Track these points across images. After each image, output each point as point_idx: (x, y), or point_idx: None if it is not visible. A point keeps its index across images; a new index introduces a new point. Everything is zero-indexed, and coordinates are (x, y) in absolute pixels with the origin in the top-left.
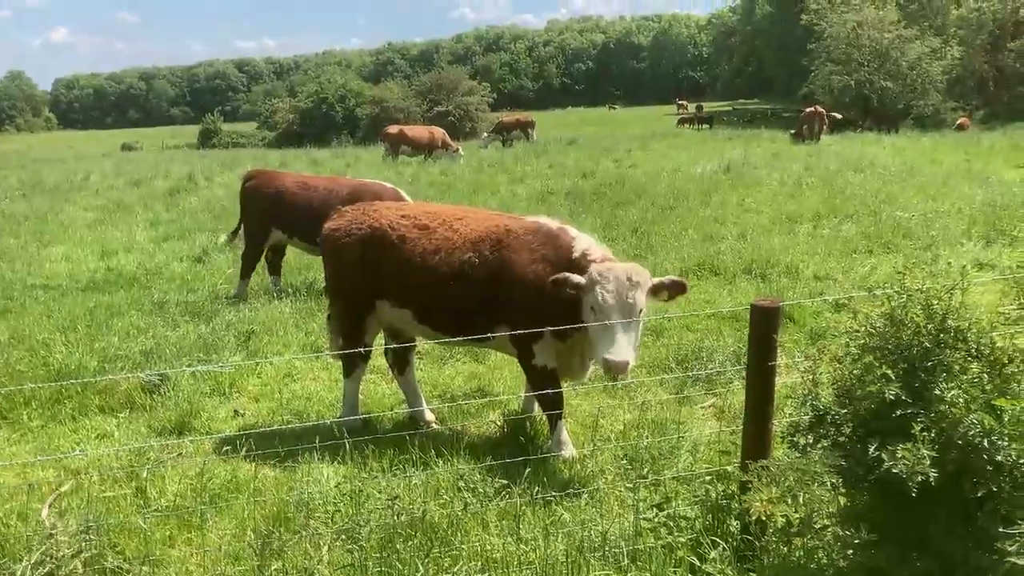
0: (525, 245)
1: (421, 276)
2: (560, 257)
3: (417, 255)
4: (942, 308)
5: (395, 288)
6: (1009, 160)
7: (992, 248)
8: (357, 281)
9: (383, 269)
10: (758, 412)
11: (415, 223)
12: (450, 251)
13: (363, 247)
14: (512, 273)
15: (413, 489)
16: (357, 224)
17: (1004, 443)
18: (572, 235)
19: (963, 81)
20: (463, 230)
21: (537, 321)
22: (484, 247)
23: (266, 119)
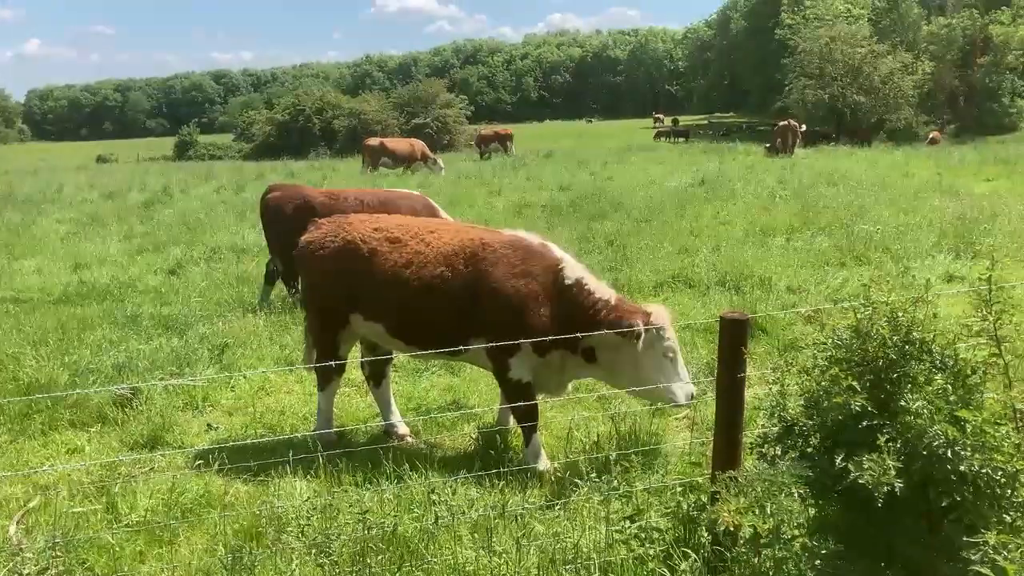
0: (503, 259)
1: (392, 290)
2: (545, 275)
3: (388, 269)
4: (907, 320)
5: (367, 302)
6: (979, 174)
7: (961, 260)
8: (331, 294)
9: (355, 283)
10: (728, 423)
11: (387, 236)
12: (422, 265)
13: (336, 260)
14: (490, 287)
15: (386, 503)
16: (331, 237)
17: (967, 453)
18: (558, 255)
19: (934, 96)
20: (436, 243)
21: (515, 335)
22: (458, 261)
23: (243, 131)
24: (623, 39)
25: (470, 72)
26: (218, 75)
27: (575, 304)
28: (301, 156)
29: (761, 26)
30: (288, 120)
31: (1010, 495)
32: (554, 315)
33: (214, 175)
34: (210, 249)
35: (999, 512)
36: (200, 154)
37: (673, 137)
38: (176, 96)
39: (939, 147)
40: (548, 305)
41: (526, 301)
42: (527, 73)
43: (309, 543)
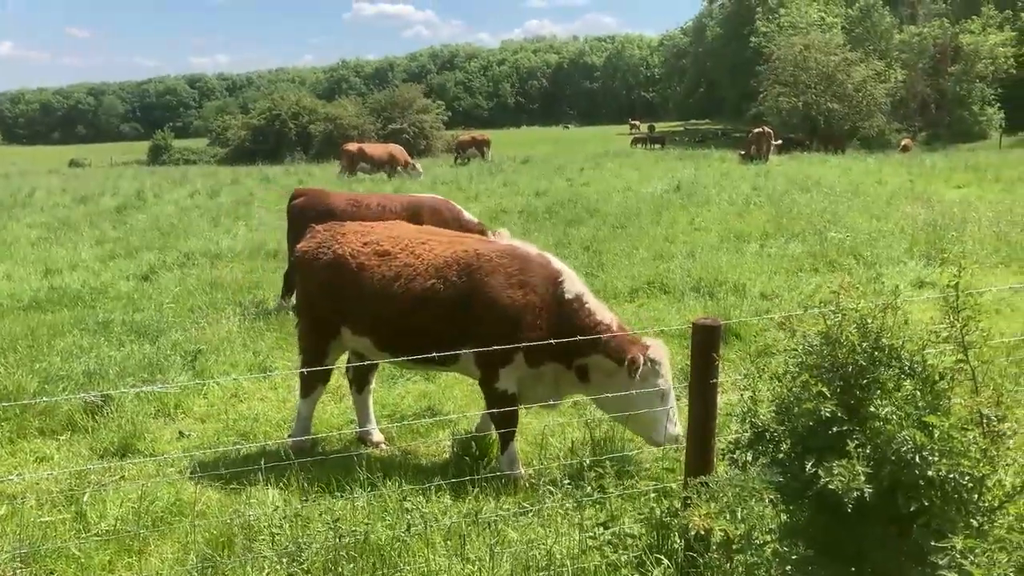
0: (499, 268)
1: (380, 305)
2: (544, 287)
3: (376, 283)
4: (876, 327)
5: (355, 317)
6: (950, 181)
7: (932, 266)
8: (321, 307)
9: (343, 298)
10: (700, 429)
11: (375, 249)
12: (411, 278)
13: (327, 273)
14: (485, 297)
15: (359, 510)
16: (324, 249)
17: (935, 459)
18: (557, 267)
19: (906, 103)
20: (426, 256)
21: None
22: (450, 272)
23: (218, 135)
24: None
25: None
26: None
27: (574, 321)
28: (277, 161)
29: (736, 33)
30: (263, 125)
31: (977, 499)
32: (551, 329)
33: (188, 180)
34: (183, 255)
35: (966, 516)
36: (174, 159)
37: (649, 143)
38: (150, 100)
39: (911, 154)
40: (545, 318)
41: (523, 312)
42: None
43: (280, 551)
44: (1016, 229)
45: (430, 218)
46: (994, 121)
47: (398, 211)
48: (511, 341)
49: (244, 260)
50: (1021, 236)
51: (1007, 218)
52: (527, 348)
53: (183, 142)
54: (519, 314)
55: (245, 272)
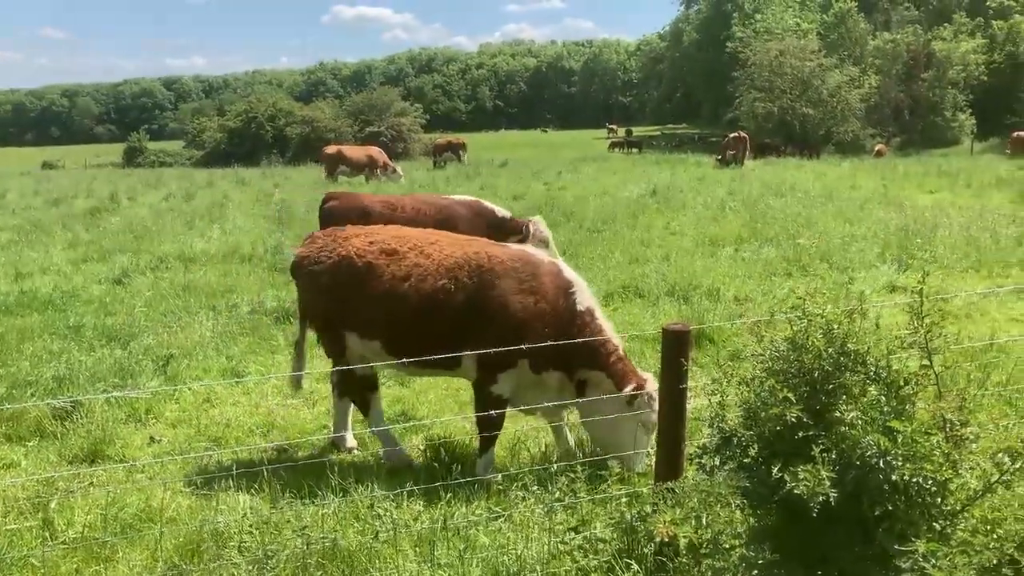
0: (511, 273)
1: (390, 306)
2: (556, 296)
3: (386, 283)
4: (842, 332)
5: (363, 320)
6: (922, 186)
7: (904, 271)
8: (327, 312)
9: (352, 301)
10: (670, 434)
11: (383, 249)
12: (421, 278)
13: (331, 276)
14: (496, 301)
15: (330, 517)
16: (327, 252)
17: (899, 463)
18: (569, 277)
19: (880, 109)
20: (436, 255)
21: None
22: (462, 273)
23: (194, 138)
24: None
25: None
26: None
27: (583, 333)
28: (253, 164)
29: (713, 39)
30: (240, 127)
31: (940, 503)
32: (558, 339)
33: (163, 182)
34: (157, 258)
35: (929, 520)
36: (150, 161)
37: (627, 148)
38: (126, 102)
39: (885, 159)
40: (553, 327)
41: (532, 320)
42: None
43: (250, 558)
44: (986, 234)
45: (464, 219)
46: (966, 127)
47: (432, 213)
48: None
49: (218, 263)
50: (991, 241)
51: (977, 223)
52: (531, 354)
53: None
54: (528, 321)
55: (219, 276)
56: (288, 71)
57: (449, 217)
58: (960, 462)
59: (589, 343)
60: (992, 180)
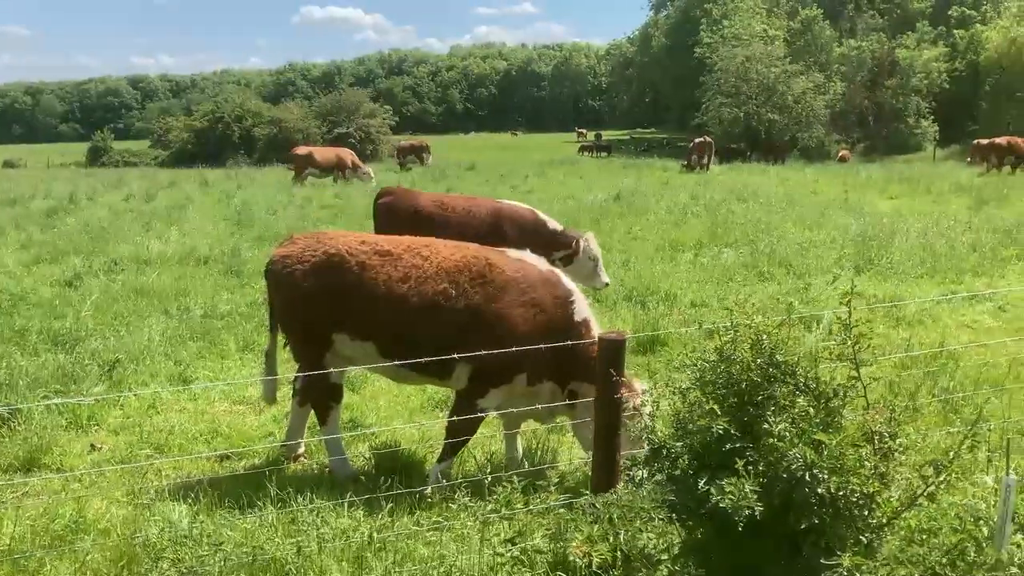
0: (512, 283)
1: (388, 307)
2: (555, 307)
3: (382, 284)
4: (771, 343)
5: (357, 320)
6: (884, 192)
7: (861, 277)
8: (311, 313)
9: (342, 300)
10: (605, 444)
11: (376, 249)
12: (421, 280)
13: (318, 276)
14: (496, 312)
15: (267, 528)
16: (311, 251)
17: (825, 476)
18: (568, 287)
19: (845, 115)
20: (435, 258)
21: (510, 365)
22: (462, 278)
23: (159, 138)
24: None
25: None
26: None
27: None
28: (220, 164)
29: (681, 44)
30: (206, 127)
31: (867, 516)
32: (555, 350)
33: (125, 183)
34: (111, 260)
35: (856, 533)
36: (114, 161)
37: (596, 151)
38: (91, 101)
39: (848, 165)
40: (552, 339)
41: (533, 334)
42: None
43: (184, 570)
44: (942, 240)
45: (514, 224)
46: (929, 134)
47: (483, 215)
48: (515, 361)
49: (174, 266)
50: (946, 247)
51: (934, 229)
52: (528, 368)
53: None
54: (529, 335)
55: (174, 279)
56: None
57: (499, 221)
58: (889, 474)
59: (584, 355)
60: (952, 187)
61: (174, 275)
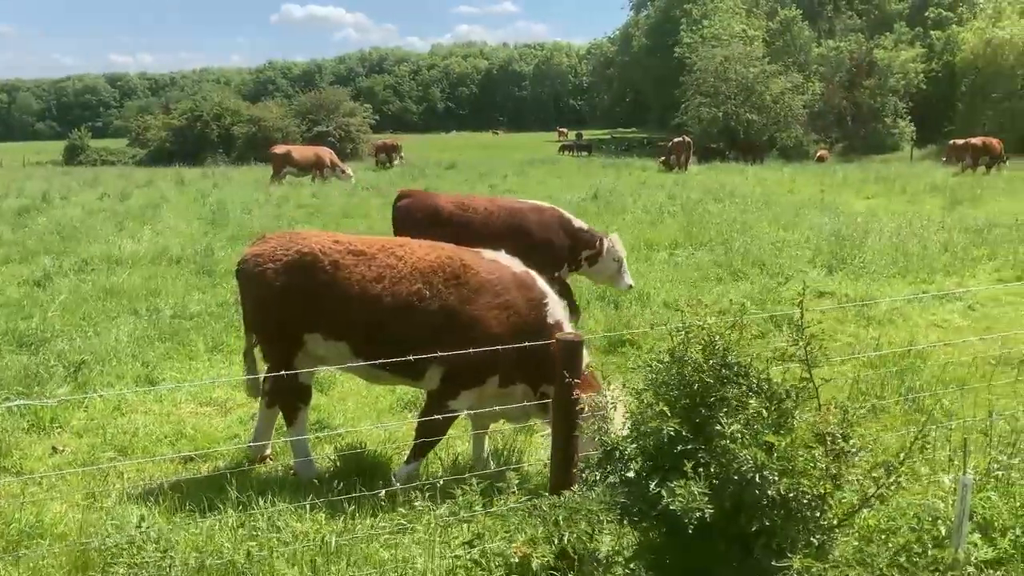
0: (486, 285)
1: (362, 307)
2: (528, 310)
3: (355, 283)
4: (723, 344)
5: (330, 320)
6: (860, 191)
7: (833, 277)
8: (283, 312)
9: (314, 300)
10: (562, 446)
11: (349, 249)
12: (396, 280)
13: (290, 275)
14: (470, 314)
15: (226, 531)
16: (283, 250)
17: (775, 478)
18: (543, 289)
19: (824, 115)
20: (409, 258)
21: (482, 368)
22: (436, 279)
23: (137, 136)
24: (529, 53)
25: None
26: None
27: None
28: (198, 163)
29: (661, 44)
30: (185, 126)
31: (818, 518)
32: (528, 353)
33: (100, 182)
34: (82, 260)
35: (808, 535)
36: (91, 159)
37: (576, 151)
38: (68, 99)
39: (826, 165)
40: (525, 341)
41: (506, 336)
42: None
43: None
44: (914, 240)
45: (536, 223)
46: (906, 134)
47: (504, 216)
48: (488, 363)
49: (145, 266)
50: (918, 247)
51: (907, 229)
52: (501, 371)
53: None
54: (501, 336)
55: (144, 279)
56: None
57: (521, 222)
58: (841, 476)
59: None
60: (927, 187)
61: (145, 275)
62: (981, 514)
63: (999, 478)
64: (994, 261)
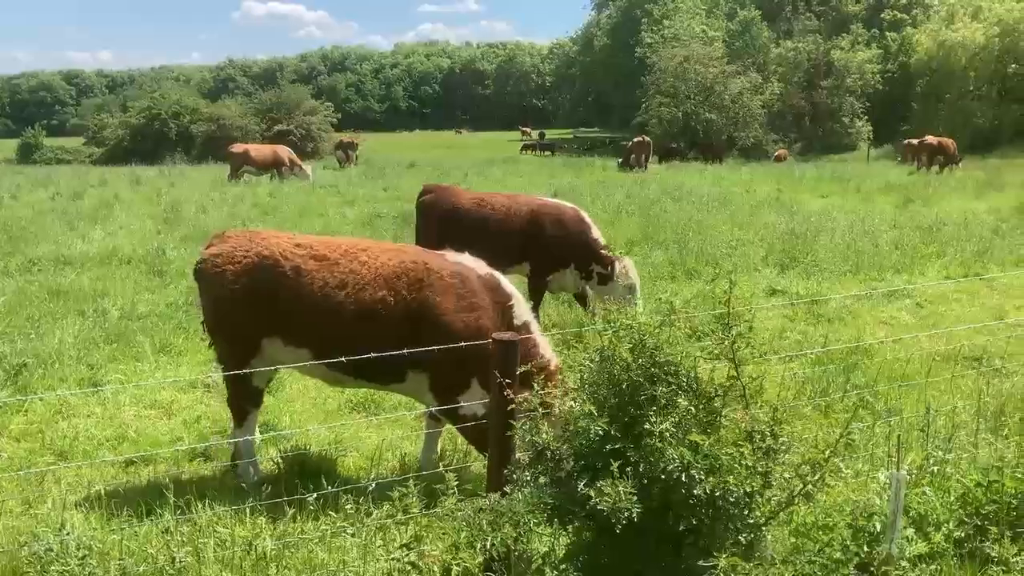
0: (451, 288)
1: (324, 313)
2: (496, 311)
3: (317, 290)
4: (652, 343)
5: (290, 325)
6: (816, 190)
7: (785, 275)
8: (241, 316)
9: (275, 304)
10: (499, 446)
11: (312, 253)
12: (359, 287)
13: (250, 279)
14: (436, 319)
15: (158, 536)
16: (242, 251)
17: (701, 476)
18: (508, 291)
19: (782, 115)
20: (373, 263)
21: (457, 372)
22: (400, 285)
23: (94, 135)
24: (492, 52)
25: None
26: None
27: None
28: (157, 162)
29: (622, 44)
30: (142, 124)
31: (746, 516)
32: None
33: (52, 180)
34: (29, 260)
35: (735, 534)
36: (46, 158)
37: (540, 150)
38: (22, 96)
39: (785, 164)
40: None
41: (473, 338)
42: (396, 82)
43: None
44: (866, 238)
45: (553, 224)
46: (863, 133)
47: (524, 213)
48: (460, 366)
49: (95, 266)
50: (870, 245)
51: (859, 227)
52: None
53: (57, 141)
54: (471, 339)
55: (93, 279)
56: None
57: (539, 220)
58: (771, 473)
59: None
60: (881, 185)
61: (94, 275)
62: (916, 509)
63: (935, 473)
64: (943, 259)
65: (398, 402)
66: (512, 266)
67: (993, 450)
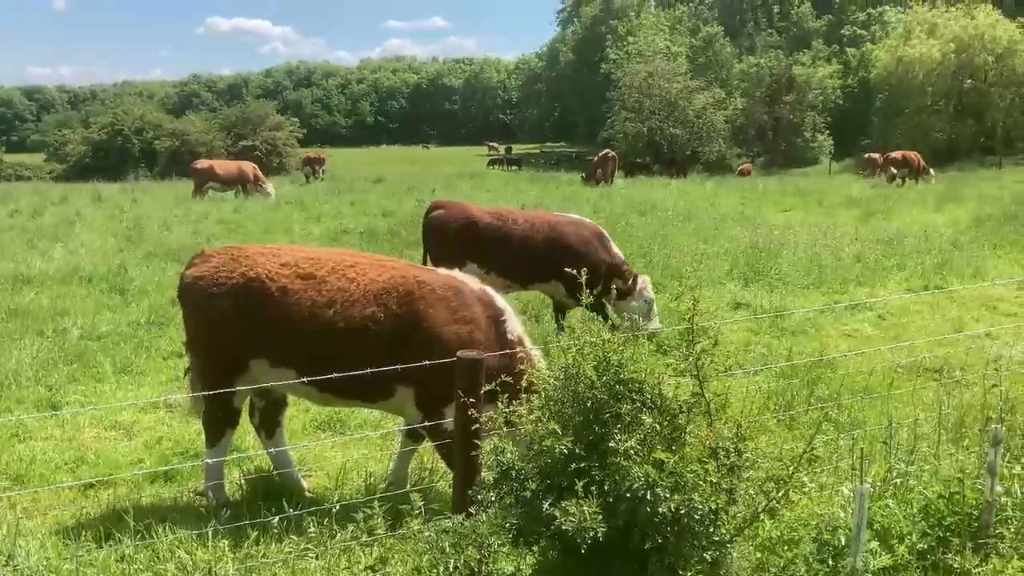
0: (442, 301)
1: (310, 334)
2: (488, 325)
3: (305, 309)
4: (617, 360)
5: (276, 346)
6: (778, 204)
7: (749, 288)
8: (227, 338)
9: (261, 325)
10: (464, 465)
11: (298, 272)
12: (348, 304)
13: (235, 300)
14: (428, 332)
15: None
16: (227, 272)
17: (666, 494)
18: (501, 305)
19: (745, 130)
20: (361, 280)
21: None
22: (390, 300)
23: (55, 151)
24: (458, 68)
25: (303, 95)
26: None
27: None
28: (120, 178)
29: (588, 60)
30: (105, 140)
31: (711, 533)
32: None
33: (12, 197)
34: None
35: (701, 551)
36: (6, 174)
37: (506, 165)
38: None
39: (748, 178)
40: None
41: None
42: (363, 97)
43: None
44: (828, 251)
45: (576, 238)
46: (825, 147)
47: (544, 229)
48: (451, 380)
49: (55, 285)
50: (832, 259)
51: (822, 241)
52: None
53: (17, 157)
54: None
55: (53, 298)
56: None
57: (560, 236)
58: (735, 490)
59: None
60: (843, 199)
61: (54, 294)
62: (880, 522)
63: (898, 485)
64: (904, 271)
65: (364, 420)
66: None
67: (954, 461)
